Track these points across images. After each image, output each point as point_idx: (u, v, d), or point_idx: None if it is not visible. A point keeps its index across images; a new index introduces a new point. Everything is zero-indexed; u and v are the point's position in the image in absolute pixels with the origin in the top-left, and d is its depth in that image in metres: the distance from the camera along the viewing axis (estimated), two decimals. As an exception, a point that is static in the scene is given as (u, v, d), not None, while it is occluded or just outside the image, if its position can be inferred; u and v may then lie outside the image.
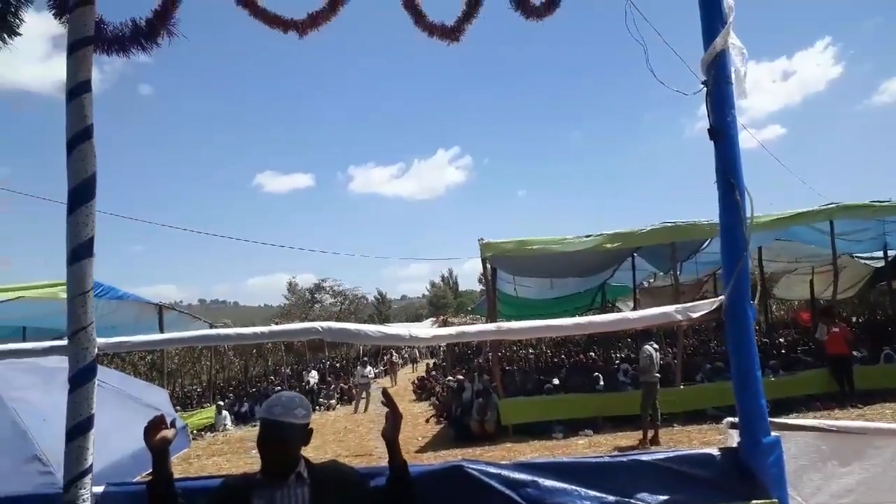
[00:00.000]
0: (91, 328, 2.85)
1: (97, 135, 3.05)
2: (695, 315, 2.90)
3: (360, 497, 2.39)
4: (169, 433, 2.47)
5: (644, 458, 2.75)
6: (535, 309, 21.60)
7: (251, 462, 12.39)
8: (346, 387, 25.57)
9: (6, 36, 3.44)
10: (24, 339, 14.38)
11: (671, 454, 2.75)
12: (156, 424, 2.45)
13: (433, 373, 27.65)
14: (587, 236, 13.63)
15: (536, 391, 13.88)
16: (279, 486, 2.30)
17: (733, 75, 2.88)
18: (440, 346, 36.39)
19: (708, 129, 2.89)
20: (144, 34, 3.29)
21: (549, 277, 18.59)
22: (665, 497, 2.60)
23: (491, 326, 3.27)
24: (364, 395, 20.78)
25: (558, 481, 2.64)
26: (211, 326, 19.78)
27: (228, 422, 19.60)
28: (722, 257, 2.87)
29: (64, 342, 2.98)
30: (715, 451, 2.77)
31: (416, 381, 25.79)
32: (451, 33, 3.17)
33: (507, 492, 2.63)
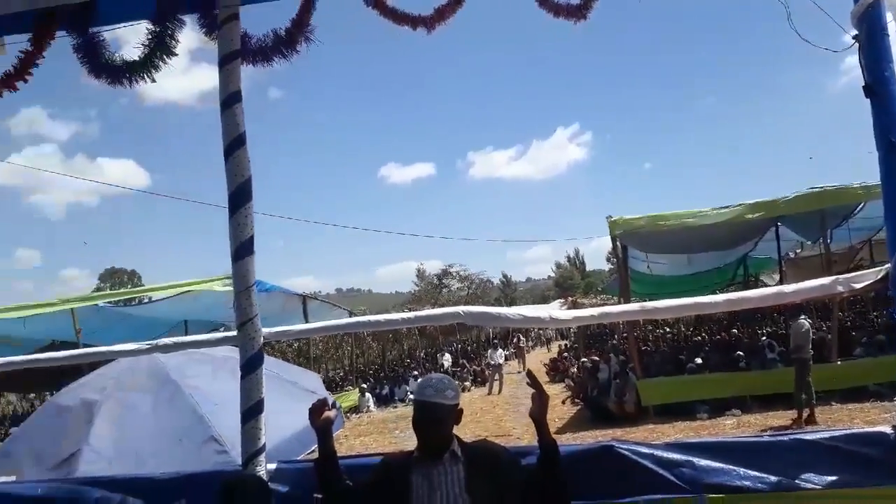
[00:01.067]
0: (256, 319, 3.10)
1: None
2: (858, 286, 2.73)
3: (513, 476, 2.45)
4: (331, 414, 2.66)
5: (807, 437, 2.62)
6: (670, 286, 20.80)
7: (395, 441, 12.91)
8: (479, 369, 25.92)
9: (165, 57, 3.72)
10: (186, 332, 15.73)
11: (838, 433, 2.61)
12: (320, 406, 2.65)
13: (565, 354, 27.42)
14: (725, 207, 12.92)
15: (676, 371, 13.43)
16: (435, 463, 2.41)
17: (891, 26, 2.66)
18: (570, 328, 35.97)
19: (863, 87, 2.69)
20: (285, 43, 3.49)
21: (684, 253, 17.83)
22: (833, 478, 2.47)
23: (635, 306, 3.23)
24: (497, 376, 20.98)
25: (714, 461, 2.58)
26: (350, 314, 20.73)
27: (371, 404, 20.51)
28: (886, 222, 2.67)
29: (232, 333, 3.27)
30: (888, 430, 2.60)
31: (549, 363, 25.68)
32: (577, 11, 3.11)
33: (661, 471, 2.60)
